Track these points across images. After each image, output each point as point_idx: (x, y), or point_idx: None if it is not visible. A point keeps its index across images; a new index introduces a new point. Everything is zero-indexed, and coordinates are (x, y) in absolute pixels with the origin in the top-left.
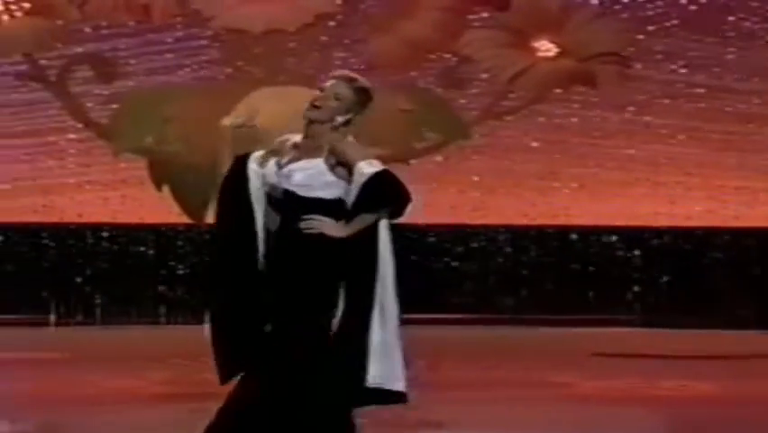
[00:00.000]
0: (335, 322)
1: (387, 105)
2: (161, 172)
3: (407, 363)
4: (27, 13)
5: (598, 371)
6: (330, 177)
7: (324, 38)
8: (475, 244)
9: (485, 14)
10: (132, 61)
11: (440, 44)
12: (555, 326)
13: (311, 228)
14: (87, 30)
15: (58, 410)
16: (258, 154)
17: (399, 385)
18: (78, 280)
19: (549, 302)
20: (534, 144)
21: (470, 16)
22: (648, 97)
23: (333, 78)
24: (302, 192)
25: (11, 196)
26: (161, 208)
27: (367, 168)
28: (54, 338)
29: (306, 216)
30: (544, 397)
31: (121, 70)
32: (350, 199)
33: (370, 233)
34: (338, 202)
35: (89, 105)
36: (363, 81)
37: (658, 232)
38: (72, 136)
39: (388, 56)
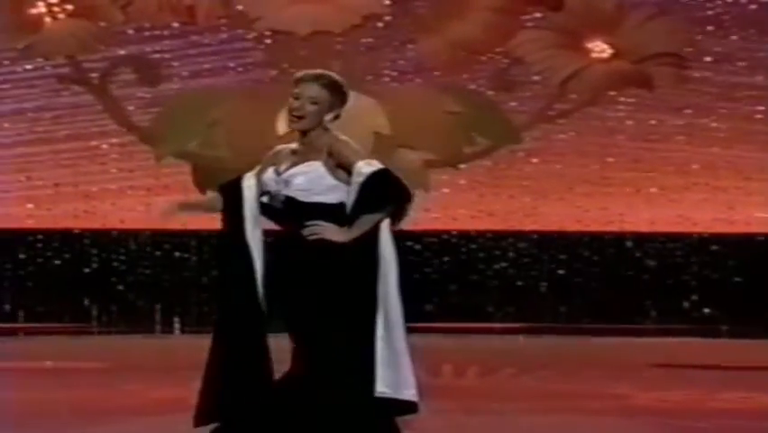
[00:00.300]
0: (341, 331)
1: (435, 108)
2: (205, 177)
3: (433, 371)
4: (70, 14)
5: (655, 382)
6: (331, 180)
7: (371, 39)
8: (526, 251)
9: (537, 15)
10: (176, 64)
11: (491, 45)
12: (610, 335)
13: (314, 235)
14: (131, 32)
15: (99, 421)
16: (253, 172)
17: (410, 394)
18: (120, 287)
19: (603, 311)
20: (588, 148)
21: (523, 17)
22: (706, 100)
23: (299, 80)
24: (302, 197)
25: (52, 201)
26: (205, 214)
27: (365, 167)
28: (96, 347)
29: (308, 223)
30: (598, 409)
31: (164, 73)
32: (348, 201)
33: (371, 234)
34: (340, 207)
35: (132, 108)
36: (330, 75)
37: (717, 238)
38: (114, 140)
39: (437, 58)
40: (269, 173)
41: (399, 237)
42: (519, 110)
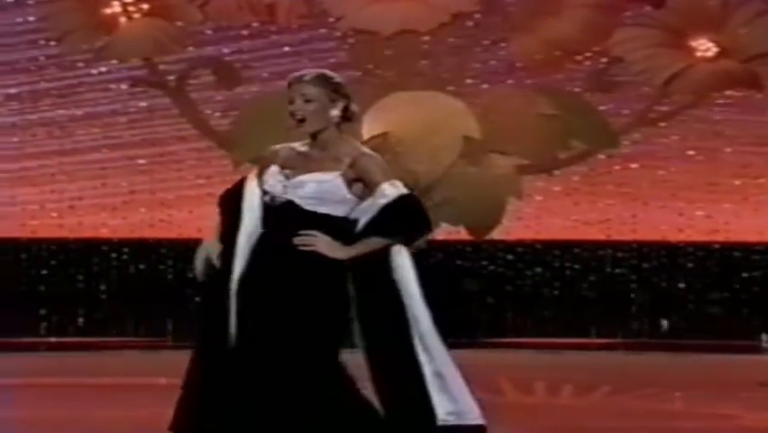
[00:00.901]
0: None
1: (528, 111)
2: None
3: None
4: (146, 14)
5: (765, 402)
6: (345, 193)
7: (460, 39)
8: (625, 262)
9: (638, 12)
10: (256, 65)
11: (587, 44)
12: (716, 352)
13: (306, 245)
14: (208, 32)
15: None
16: (252, 173)
17: (474, 418)
18: (198, 300)
19: (708, 326)
20: (691, 153)
21: (622, 14)
22: None
23: (289, 85)
24: (308, 206)
25: (127, 209)
26: None
27: (391, 189)
28: (171, 362)
29: (303, 232)
30: (704, 430)
31: (243, 75)
32: (361, 219)
33: (381, 260)
34: (343, 221)
35: (209, 112)
36: (311, 71)
37: None
38: (191, 146)
39: (531, 57)
40: (274, 174)
41: (491, 247)
42: (618, 112)
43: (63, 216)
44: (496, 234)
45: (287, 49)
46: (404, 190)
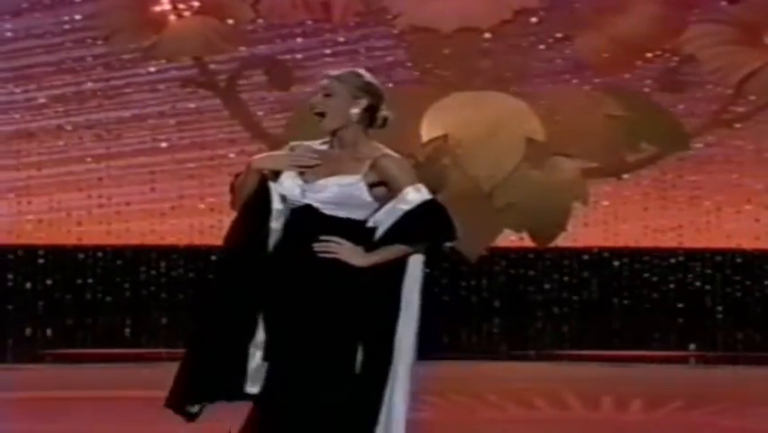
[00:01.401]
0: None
1: (594, 112)
2: None
3: None
4: (196, 12)
5: None
6: (366, 197)
7: (523, 36)
8: (698, 271)
9: (711, 7)
10: (309, 64)
11: (657, 42)
12: None
13: (329, 252)
14: (261, 30)
15: None
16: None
17: None
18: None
19: None
20: None
21: (694, 10)
22: None
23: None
24: (328, 210)
25: (176, 215)
26: None
27: (414, 194)
28: None
29: (324, 238)
30: None
31: (297, 75)
32: (382, 224)
33: (396, 267)
34: (362, 224)
35: (261, 113)
36: (336, 72)
37: None
38: (242, 148)
39: (597, 56)
40: (291, 176)
41: (556, 255)
42: (690, 114)
43: (110, 223)
44: (560, 242)
45: (342, 47)
46: (428, 196)
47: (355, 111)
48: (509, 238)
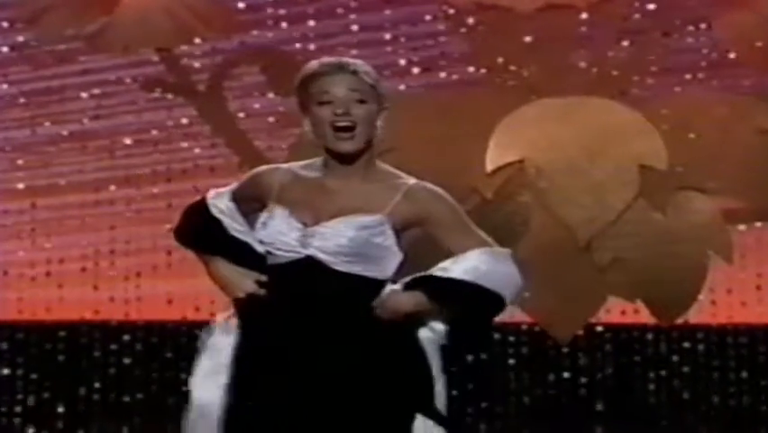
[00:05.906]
0: None
1: (739, 126)
2: None
3: None
4: None
5: None
6: (393, 244)
7: (636, 19)
8: None
9: None
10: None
11: None
12: None
13: (387, 312)
14: (256, 9)
15: None
16: (227, 189)
17: None
18: None
19: None
20: None
21: None
22: None
23: (319, 74)
24: (340, 265)
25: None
26: None
27: (487, 263)
28: None
29: (376, 304)
30: None
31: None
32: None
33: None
34: (379, 285)
35: (256, 127)
36: (358, 65)
37: None
38: (227, 180)
39: (745, 45)
40: (284, 217)
41: (686, 333)
42: None
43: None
44: (693, 316)
45: (370, 34)
46: (512, 268)
47: (381, 125)
48: (618, 310)
